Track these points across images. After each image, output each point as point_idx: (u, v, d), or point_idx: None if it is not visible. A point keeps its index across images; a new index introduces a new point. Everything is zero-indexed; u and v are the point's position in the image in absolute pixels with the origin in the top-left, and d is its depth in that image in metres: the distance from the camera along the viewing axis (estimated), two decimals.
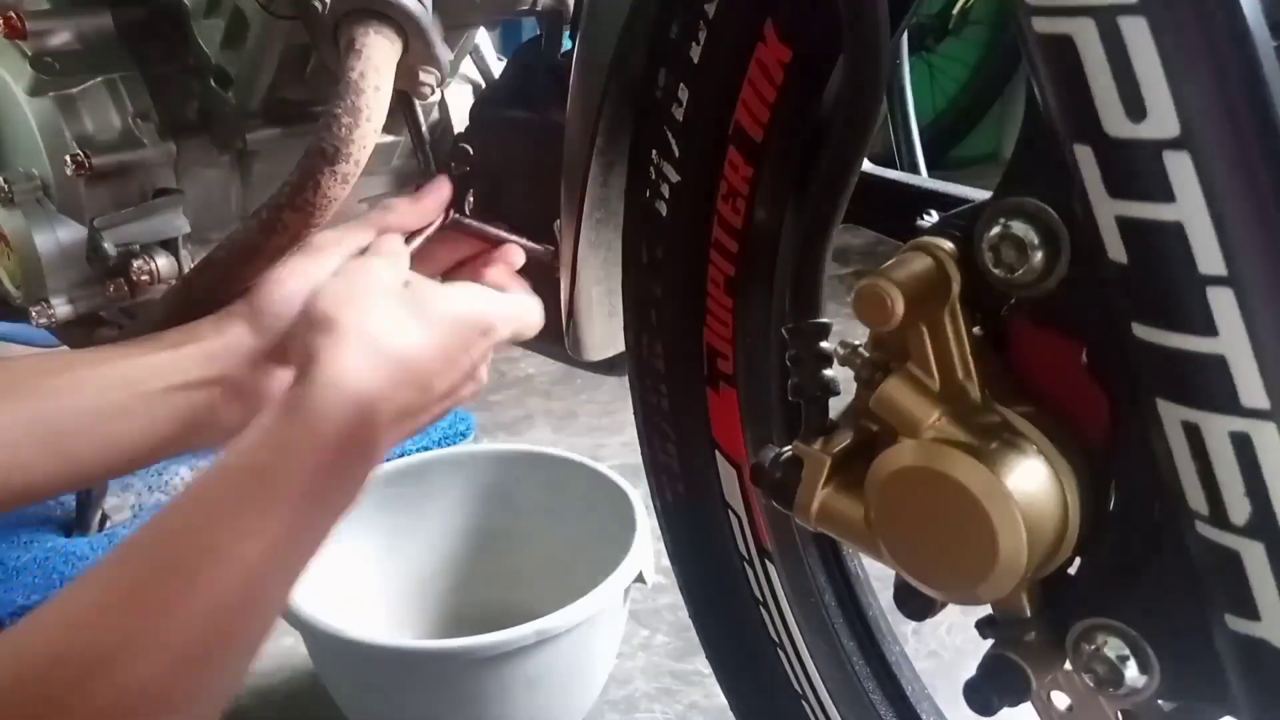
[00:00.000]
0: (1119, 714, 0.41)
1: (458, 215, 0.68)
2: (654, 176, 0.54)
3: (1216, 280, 0.32)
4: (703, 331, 0.56)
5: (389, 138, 0.78)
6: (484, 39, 0.79)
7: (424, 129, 0.73)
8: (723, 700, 0.67)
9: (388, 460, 1.08)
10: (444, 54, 0.65)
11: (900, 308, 0.38)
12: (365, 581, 0.99)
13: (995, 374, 0.40)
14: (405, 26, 0.62)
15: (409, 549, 1.03)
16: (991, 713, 0.42)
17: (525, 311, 0.63)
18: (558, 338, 0.70)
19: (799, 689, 0.60)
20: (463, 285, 0.63)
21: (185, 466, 1.33)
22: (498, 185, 0.71)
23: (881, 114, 0.43)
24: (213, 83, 0.73)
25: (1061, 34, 0.33)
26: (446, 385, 0.56)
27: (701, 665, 0.96)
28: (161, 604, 0.42)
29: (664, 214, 0.55)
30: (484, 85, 0.77)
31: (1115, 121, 0.32)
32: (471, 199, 0.70)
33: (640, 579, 0.85)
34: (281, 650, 1.03)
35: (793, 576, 0.58)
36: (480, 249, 0.69)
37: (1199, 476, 0.34)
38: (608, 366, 0.71)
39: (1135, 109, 0.32)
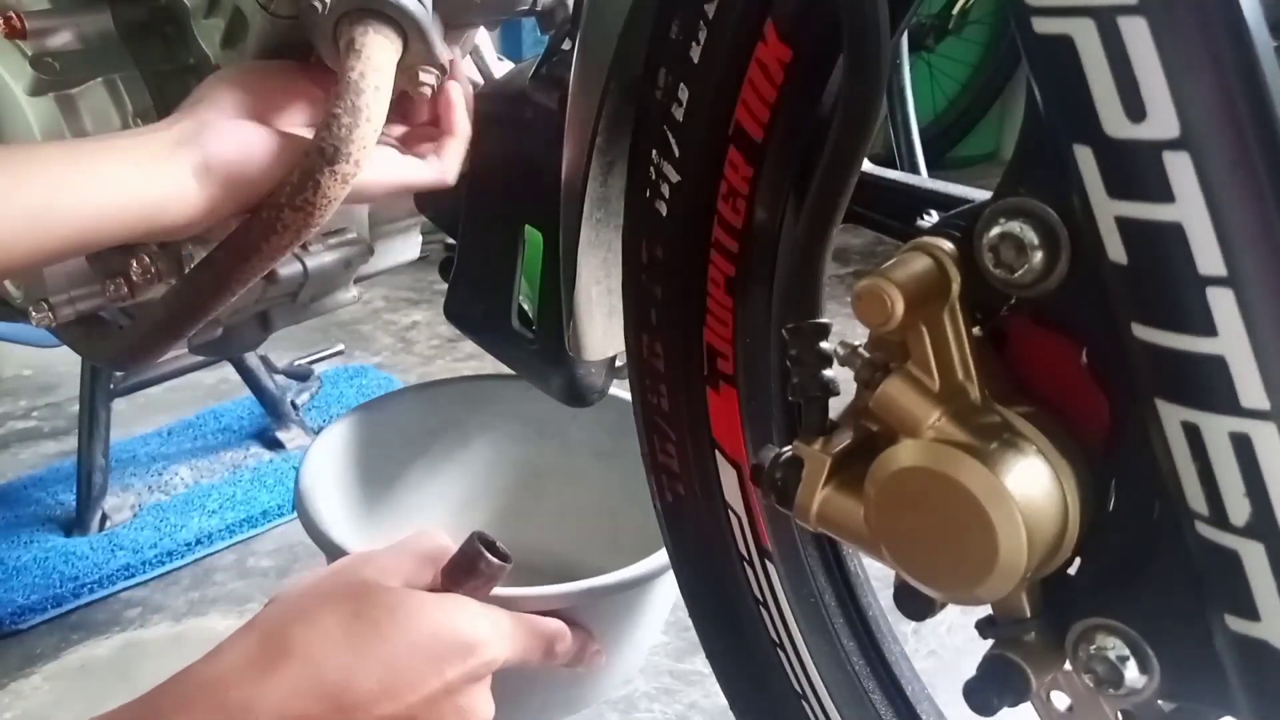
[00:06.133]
0: (1119, 714, 0.41)
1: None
2: (654, 176, 0.54)
3: (1216, 281, 0.32)
4: (703, 331, 0.56)
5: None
6: (484, 39, 0.79)
7: None
8: (723, 700, 0.67)
9: (438, 381, 1.02)
10: (444, 54, 0.65)
11: (900, 308, 0.38)
12: (400, 502, 0.94)
13: (995, 374, 0.40)
14: (405, 26, 0.62)
15: (451, 472, 0.97)
16: (991, 713, 0.42)
17: (530, 629, 0.63)
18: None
19: (799, 689, 0.60)
20: (451, 598, 0.60)
21: (186, 466, 1.33)
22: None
23: (881, 114, 0.43)
24: None
25: (1061, 34, 0.33)
26: (393, 711, 0.55)
27: (701, 665, 0.96)
28: None
29: (664, 214, 0.55)
30: (484, 85, 0.77)
31: (1115, 122, 0.32)
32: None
33: None
34: None
35: (793, 576, 0.58)
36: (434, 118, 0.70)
37: (1199, 477, 0.34)
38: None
39: (1135, 109, 0.32)
